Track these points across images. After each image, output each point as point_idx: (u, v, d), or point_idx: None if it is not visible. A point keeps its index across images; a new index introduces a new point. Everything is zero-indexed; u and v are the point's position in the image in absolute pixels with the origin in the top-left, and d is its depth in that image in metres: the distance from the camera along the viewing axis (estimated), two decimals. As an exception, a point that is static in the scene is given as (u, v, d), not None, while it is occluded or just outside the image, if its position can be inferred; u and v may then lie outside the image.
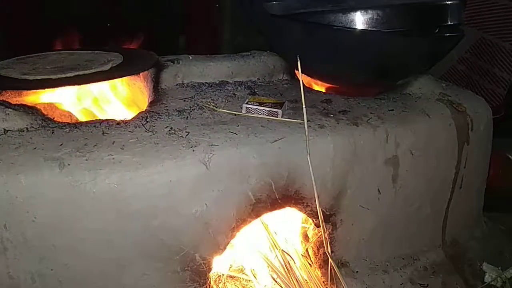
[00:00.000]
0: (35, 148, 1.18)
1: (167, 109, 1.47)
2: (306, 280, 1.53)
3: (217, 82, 1.72)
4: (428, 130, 1.58)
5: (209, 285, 1.39)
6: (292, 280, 1.47)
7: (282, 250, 1.52)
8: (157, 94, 1.58)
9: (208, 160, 1.25)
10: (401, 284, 1.60)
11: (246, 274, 1.59)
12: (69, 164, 1.15)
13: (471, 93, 1.83)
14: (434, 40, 1.59)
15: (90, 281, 1.23)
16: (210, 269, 1.34)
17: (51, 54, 1.70)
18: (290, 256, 1.51)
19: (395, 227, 1.62)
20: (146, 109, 1.47)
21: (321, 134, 1.41)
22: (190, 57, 1.73)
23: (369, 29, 1.52)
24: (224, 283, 1.57)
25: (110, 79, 1.40)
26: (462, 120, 1.66)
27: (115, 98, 1.55)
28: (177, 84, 1.67)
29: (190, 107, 1.50)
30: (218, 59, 1.76)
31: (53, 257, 1.17)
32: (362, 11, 1.51)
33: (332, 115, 1.51)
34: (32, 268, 1.17)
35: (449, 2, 1.58)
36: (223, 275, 1.58)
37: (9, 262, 1.15)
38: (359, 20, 1.51)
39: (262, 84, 1.78)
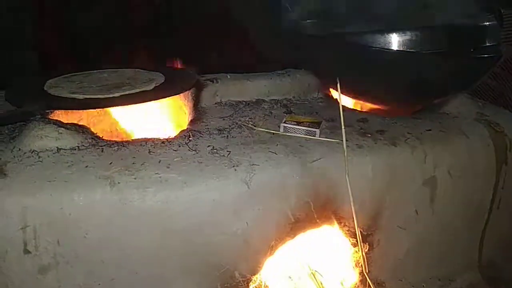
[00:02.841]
0: (86, 166, 1.24)
1: (208, 128, 1.52)
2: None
3: (254, 100, 1.76)
4: (467, 151, 1.58)
5: (247, 302, 1.42)
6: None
7: (314, 270, 1.53)
8: (197, 112, 1.63)
9: (249, 180, 1.28)
10: (437, 305, 1.59)
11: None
12: (119, 183, 1.19)
13: (509, 113, 1.81)
14: (472, 61, 1.59)
15: (134, 296, 1.27)
16: (248, 287, 1.36)
17: (94, 72, 1.77)
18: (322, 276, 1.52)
19: (431, 248, 1.61)
20: (187, 128, 1.52)
21: (360, 154, 1.43)
22: (228, 76, 1.78)
23: (407, 50, 1.54)
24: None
25: (155, 99, 1.45)
26: (500, 140, 1.64)
27: (158, 117, 1.60)
28: (215, 103, 1.72)
29: (230, 126, 1.54)
30: (255, 78, 1.81)
31: (101, 272, 1.22)
32: (400, 32, 1.52)
33: (369, 135, 1.53)
34: (80, 281, 1.22)
35: (487, 24, 1.58)
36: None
37: (60, 277, 1.20)
38: (397, 41, 1.53)
39: (298, 102, 1.81)
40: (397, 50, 1.55)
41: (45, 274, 1.18)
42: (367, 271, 1.47)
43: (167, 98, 1.46)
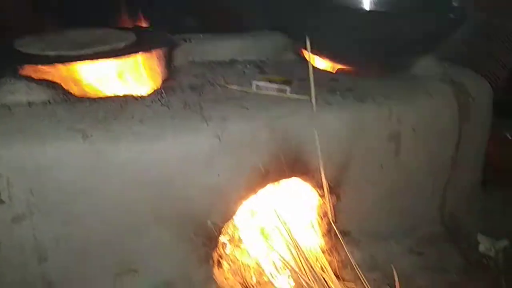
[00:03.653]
0: (58, 120, 1.26)
1: (181, 86, 1.54)
2: (309, 249, 1.61)
3: (227, 60, 1.78)
4: (430, 108, 1.65)
5: (219, 249, 1.49)
6: (294, 249, 1.54)
7: (283, 221, 1.59)
8: (170, 71, 1.64)
9: (221, 133, 1.32)
10: (400, 253, 1.69)
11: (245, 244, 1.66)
12: (91, 135, 1.22)
13: (473, 73, 1.88)
14: (439, 22, 1.64)
15: (110, 245, 1.31)
16: (220, 234, 1.42)
17: (67, 32, 1.75)
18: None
19: (396, 200, 1.70)
20: (160, 85, 1.54)
21: (328, 110, 1.48)
22: (201, 36, 1.78)
23: (376, 9, 1.57)
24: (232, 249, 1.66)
25: (125, 56, 1.46)
26: (463, 99, 1.72)
27: (130, 75, 1.61)
28: (188, 62, 1.73)
29: (202, 84, 1.57)
30: (228, 38, 1.82)
31: (76, 222, 1.25)
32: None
33: (338, 93, 1.58)
34: (55, 231, 1.25)
35: (453, -15, 1.62)
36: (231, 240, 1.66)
37: (35, 226, 1.23)
38: (367, 1, 1.57)
39: (271, 63, 1.83)
40: (366, 9, 1.58)
41: (20, 223, 1.21)
42: (334, 221, 1.54)
43: (137, 55, 1.47)
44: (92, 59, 1.44)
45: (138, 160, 1.25)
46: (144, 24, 1.95)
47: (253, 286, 1.54)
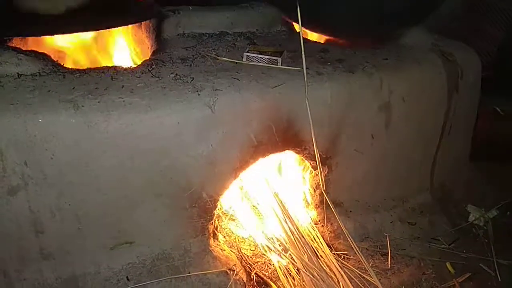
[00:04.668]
0: (49, 91, 1.24)
1: (171, 57, 1.53)
2: (302, 220, 1.64)
3: (217, 32, 1.77)
4: (420, 78, 1.66)
5: (215, 221, 1.50)
6: (287, 220, 1.56)
7: (275, 193, 1.61)
8: (160, 43, 1.62)
9: (213, 104, 1.32)
10: (391, 223, 1.73)
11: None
12: (83, 106, 1.21)
13: (462, 44, 1.89)
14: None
15: (105, 216, 1.32)
16: (215, 206, 1.44)
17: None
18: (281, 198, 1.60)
19: (386, 171, 1.73)
20: (150, 57, 1.53)
21: (319, 81, 1.48)
22: (190, 8, 1.76)
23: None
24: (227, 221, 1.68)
25: (112, 28, 1.43)
26: (452, 68, 1.73)
27: (119, 46, 1.59)
28: (178, 34, 1.72)
29: (193, 56, 1.56)
30: (218, 10, 1.80)
31: (71, 193, 1.26)
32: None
33: (329, 63, 1.58)
34: (51, 203, 1.25)
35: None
36: (226, 213, 1.68)
37: (30, 197, 1.23)
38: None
39: (261, 35, 1.83)
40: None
41: (15, 195, 1.21)
42: (326, 192, 1.57)
43: (126, 26, 1.45)
44: (80, 29, 1.42)
45: (130, 131, 1.25)
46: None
47: (248, 258, 1.57)
